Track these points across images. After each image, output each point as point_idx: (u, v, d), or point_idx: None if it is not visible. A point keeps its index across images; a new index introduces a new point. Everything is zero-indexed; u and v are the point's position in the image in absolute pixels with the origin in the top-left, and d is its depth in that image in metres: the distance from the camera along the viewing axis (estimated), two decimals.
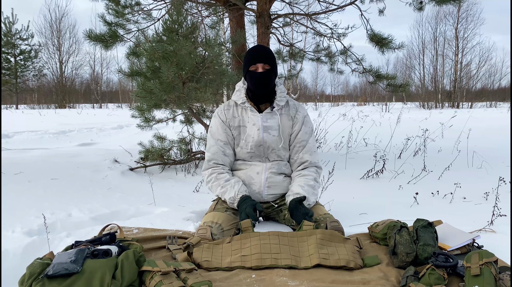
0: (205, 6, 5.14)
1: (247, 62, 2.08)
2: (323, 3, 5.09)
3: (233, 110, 2.15)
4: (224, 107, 2.17)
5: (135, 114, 3.98)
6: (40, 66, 23.74)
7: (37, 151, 4.71)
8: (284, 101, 2.13)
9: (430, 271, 1.40)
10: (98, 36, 4.17)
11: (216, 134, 2.13)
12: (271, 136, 2.09)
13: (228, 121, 2.13)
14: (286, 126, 2.13)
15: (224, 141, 2.12)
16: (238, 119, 2.13)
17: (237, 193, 1.97)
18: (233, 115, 2.14)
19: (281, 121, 2.11)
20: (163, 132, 4.28)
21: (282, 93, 2.13)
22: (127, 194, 2.97)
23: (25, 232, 1.94)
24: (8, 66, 21.18)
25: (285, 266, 1.54)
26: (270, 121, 2.10)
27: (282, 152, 2.13)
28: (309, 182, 2.05)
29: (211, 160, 2.13)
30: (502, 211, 2.28)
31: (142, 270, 1.37)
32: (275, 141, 2.09)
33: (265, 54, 2.05)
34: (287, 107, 2.16)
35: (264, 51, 2.08)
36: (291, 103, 2.19)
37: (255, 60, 2.04)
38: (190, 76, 3.34)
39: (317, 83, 37.00)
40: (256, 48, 2.11)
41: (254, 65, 2.05)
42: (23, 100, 29.10)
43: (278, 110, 2.11)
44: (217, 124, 2.14)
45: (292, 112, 2.16)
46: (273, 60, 2.07)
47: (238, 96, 2.13)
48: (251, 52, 2.08)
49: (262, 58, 2.04)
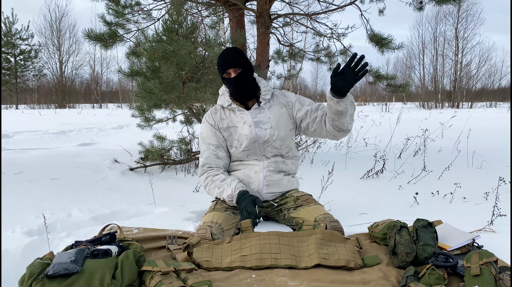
0: (205, 6, 5.14)
1: (219, 70, 2.09)
2: (323, 3, 5.09)
3: (221, 113, 2.17)
4: (211, 111, 2.19)
5: (136, 114, 3.98)
6: (40, 66, 23.80)
7: (37, 151, 4.70)
8: (269, 94, 2.15)
9: (430, 271, 1.40)
10: (97, 36, 4.17)
11: (207, 139, 2.14)
12: (264, 130, 2.09)
13: (217, 123, 2.14)
14: (281, 115, 2.14)
15: (215, 145, 2.13)
16: (226, 121, 2.14)
17: (234, 189, 1.97)
18: (221, 118, 2.15)
19: (273, 113, 2.12)
20: (163, 132, 4.28)
21: (266, 87, 2.15)
22: (127, 194, 2.97)
23: (25, 232, 1.94)
24: (8, 66, 21.22)
25: (285, 266, 1.54)
26: (259, 116, 2.11)
27: (278, 142, 2.12)
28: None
29: (204, 165, 2.13)
30: (502, 211, 2.28)
31: (142, 270, 1.37)
32: (269, 134, 2.09)
33: (233, 59, 2.05)
34: (274, 98, 2.18)
35: (231, 55, 2.06)
36: (276, 93, 2.21)
37: (225, 67, 2.05)
38: (190, 76, 3.34)
39: (317, 83, 37.00)
40: (224, 54, 2.10)
41: (225, 72, 2.06)
42: (23, 100, 29.09)
43: (266, 104, 2.13)
44: (206, 130, 2.16)
45: (283, 100, 2.17)
46: (242, 61, 2.06)
47: (223, 100, 2.16)
48: (220, 60, 2.08)
49: (231, 63, 2.04)
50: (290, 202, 2.08)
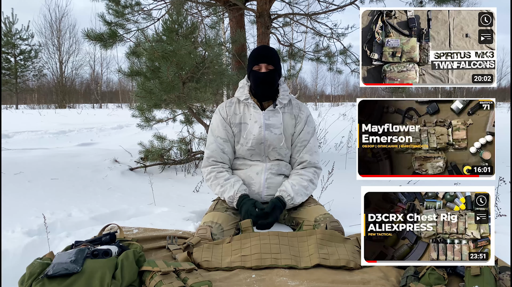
0: (205, 6, 5.15)
1: (251, 61, 2.08)
2: (323, 3, 5.09)
3: (235, 107, 2.14)
4: (226, 104, 2.17)
5: (136, 114, 3.98)
6: (40, 66, 23.82)
7: (37, 151, 4.70)
8: (286, 99, 2.12)
9: (430, 271, 1.40)
10: (97, 36, 4.17)
11: (216, 131, 2.13)
12: (273, 135, 2.08)
13: (229, 118, 2.13)
14: (289, 125, 2.13)
15: (223, 139, 2.12)
16: (239, 116, 2.12)
17: (236, 192, 1.97)
18: (235, 112, 2.13)
19: (284, 120, 2.11)
20: (163, 132, 4.27)
21: (285, 91, 2.13)
22: (127, 194, 2.97)
23: (25, 232, 1.94)
24: (8, 66, 21.23)
25: (285, 266, 1.54)
26: (272, 119, 2.09)
27: (283, 150, 2.12)
28: (303, 182, 2.04)
29: (210, 157, 2.13)
30: (502, 211, 2.28)
31: (142, 270, 1.37)
32: (277, 140, 2.08)
33: (269, 55, 2.06)
34: (290, 106, 2.16)
35: (268, 51, 2.08)
36: (294, 102, 2.18)
37: (259, 60, 2.04)
38: (190, 76, 3.34)
39: (317, 83, 36.99)
40: (261, 48, 2.12)
41: (257, 65, 2.05)
42: (23, 100, 29.08)
43: (281, 108, 2.11)
44: (217, 121, 2.14)
45: (295, 111, 2.15)
46: (277, 61, 2.07)
47: (241, 93, 2.13)
48: (255, 52, 2.09)
49: (266, 58, 2.04)
50: None
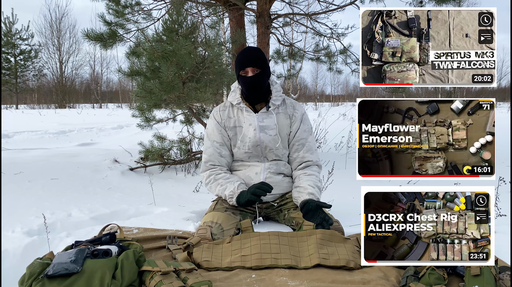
0: (205, 6, 5.15)
1: (237, 66, 2.07)
2: (323, 3, 5.09)
3: (229, 111, 2.15)
4: (219, 108, 2.17)
5: (136, 114, 3.98)
6: (40, 66, 23.83)
7: (37, 151, 4.71)
8: (280, 100, 2.12)
9: (430, 271, 1.40)
10: (97, 36, 4.17)
11: (212, 135, 2.14)
12: (268, 136, 2.08)
13: (224, 122, 2.13)
14: (284, 125, 2.12)
15: (220, 143, 2.12)
16: (233, 120, 2.13)
17: (237, 187, 1.98)
18: (229, 116, 2.13)
19: (278, 120, 2.11)
20: (163, 132, 4.27)
21: (278, 92, 2.12)
22: (127, 194, 2.97)
23: (25, 232, 1.94)
24: (8, 66, 21.23)
25: (285, 266, 1.54)
26: (266, 121, 2.09)
27: (280, 151, 2.12)
28: (317, 182, 2.06)
29: (207, 162, 2.13)
30: (502, 211, 2.28)
31: (142, 270, 1.37)
32: (273, 141, 2.08)
33: (254, 58, 2.03)
34: (284, 105, 2.15)
35: (253, 54, 2.05)
36: (287, 101, 2.18)
37: (244, 65, 2.03)
38: (190, 76, 3.34)
39: (317, 83, 37.01)
40: (245, 52, 2.09)
41: (243, 70, 2.04)
42: (23, 100, 29.10)
43: (274, 109, 2.11)
44: (212, 126, 2.15)
45: (290, 111, 2.15)
46: (262, 62, 2.04)
47: (233, 97, 2.13)
48: (240, 57, 2.06)
49: (251, 62, 2.02)
50: (290, 202, 2.08)
